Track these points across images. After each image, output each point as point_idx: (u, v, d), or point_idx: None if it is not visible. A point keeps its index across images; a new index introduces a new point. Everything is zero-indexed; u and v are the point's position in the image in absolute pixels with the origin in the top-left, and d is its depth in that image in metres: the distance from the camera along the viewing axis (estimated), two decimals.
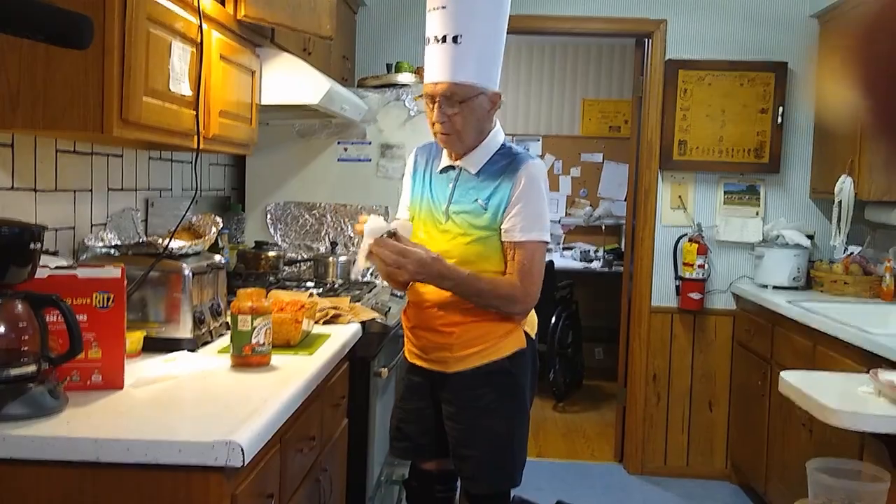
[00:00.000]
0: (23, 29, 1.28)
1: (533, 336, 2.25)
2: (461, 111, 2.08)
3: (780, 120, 4.11)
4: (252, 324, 1.92)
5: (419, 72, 3.42)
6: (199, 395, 1.70)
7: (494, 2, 2.10)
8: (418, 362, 2.29)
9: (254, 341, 1.92)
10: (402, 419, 2.37)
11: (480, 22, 2.07)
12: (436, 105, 2.10)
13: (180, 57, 1.93)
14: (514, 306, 2.14)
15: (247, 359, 1.92)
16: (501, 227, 2.11)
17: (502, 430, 2.18)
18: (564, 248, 6.58)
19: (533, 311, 2.27)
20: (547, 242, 2.14)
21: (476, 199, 2.13)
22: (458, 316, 2.16)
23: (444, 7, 2.07)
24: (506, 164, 2.14)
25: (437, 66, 2.09)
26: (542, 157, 6.79)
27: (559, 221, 6.76)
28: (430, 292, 2.17)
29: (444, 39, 2.06)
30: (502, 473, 2.22)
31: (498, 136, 2.20)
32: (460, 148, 2.16)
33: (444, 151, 2.23)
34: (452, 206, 2.17)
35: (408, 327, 2.32)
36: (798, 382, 2.26)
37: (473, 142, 2.15)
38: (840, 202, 3.61)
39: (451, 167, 2.21)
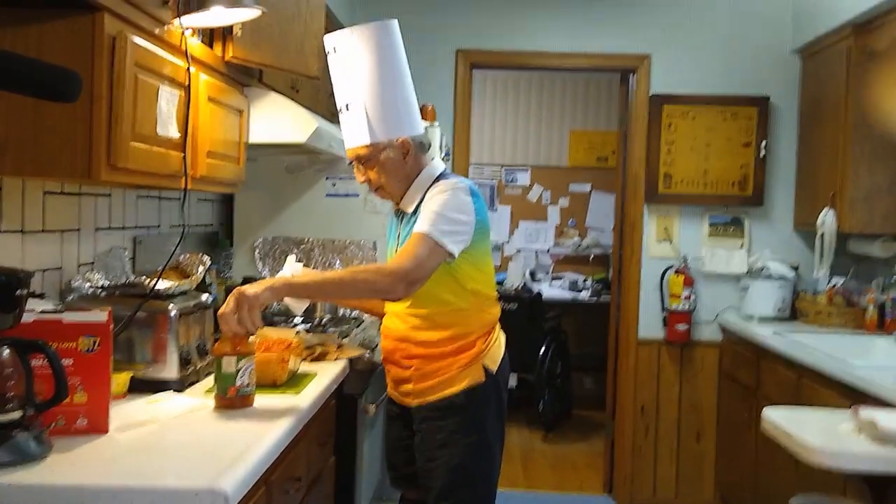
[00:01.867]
0: (12, 85, 1.30)
1: (494, 370, 2.24)
2: (374, 168, 2.21)
3: (762, 153, 4.17)
4: (236, 365, 1.92)
5: None
6: (184, 440, 1.70)
7: (373, 62, 2.16)
8: (392, 394, 2.38)
9: (238, 383, 1.93)
10: (389, 449, 2.47)
11: (362, 85, 2.16)
12: (355, 169, 2.26)
13: (168, 101, 1.96)
14: (382, 283, 2.04)
15: (231, 400, 1.93)
16: None
17: (457, 464, 2.19)
18: (553, 278, 6.60)
19: (498, 343, 2.28)
20: (435, 241, 2.06)
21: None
22: (417, 349, 2.23)
23: (335, 81, 2.24)
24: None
25: (345, 135, 2.25)
26: (530, 187, 6.85)
27: (548, 251, 6.79)
28: (393, 327, 2.28)
29: (342, 110, 2.23)
30: None
31: (430, 171, 2.26)
32: (393, 197, 2.28)
33: None
34: (399, 246, 2.24)
35: (382, 360, 2.40)
36: (781, 420, 2.28)
37: (403, 188, 2.25)
38: (822, 234, 3.66)
39: (399, 211, 2.31)
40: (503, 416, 2.30)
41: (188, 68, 2.05)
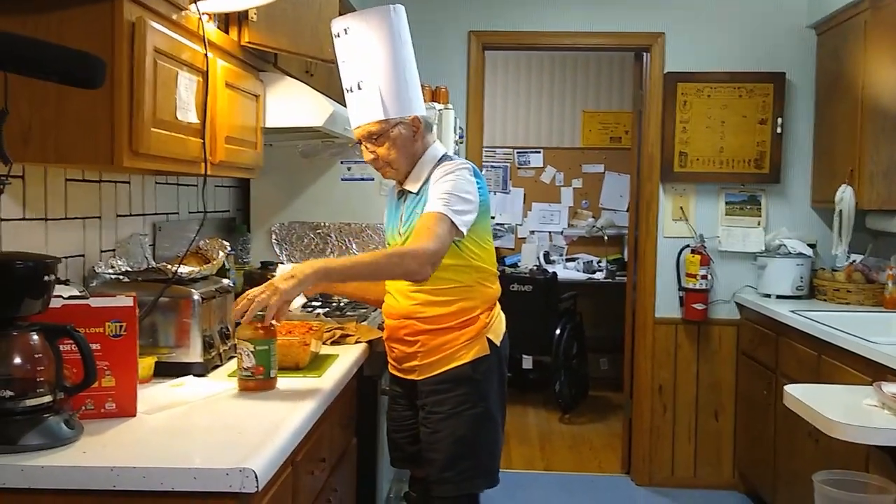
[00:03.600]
0: (39, 71, 1.31)
1: (498, 343, 2.32)
2: (384, 145, 2.25)
3: (779, 130, 4.14)
4: (256, 348, 1.93)
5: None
6: (211, 422, 1.72)
7: (385, 43, 2.22)
8: (395, 373, 2.42)
9: (259, 366, 1.94)
10: (393, 430, 2.50)
11: (376, 65, 2.22)
12: (363, 147, 2.30)
13: (187, 87, 1.97)
14: (409, 264, 2.08)
15: (252, 383, 1.94)
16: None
17: (464, 434, 2.24)
18: (567, 260, 6.60)
19: (500, 318, 2.37)
20: (450, 218, 2.13)
21: (416, 215, 2.24)
22: (423, 325, 2.28)
23: (344, 61, 2.28)
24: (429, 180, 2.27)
25: (353, 113, 2.29)
26: (543, 169, 6.83)
27: (562, 233, 6.78)
28: (397, 305, 2.33)
29: (351, 89, 2.27)
30: (464, 477, 2.27)
31: (434, 152, 2.33)
32: (399, 175, 2.33)
33: None
34: (404, 227, 2.30)
35: (384, 339, 2.44)
36: (803, 396, 2.28)
37: (409, 166, 2.30)
38: (841, 211, 3.63)
39: (402, 191, 2.35)
40: (505, 390, 2.38)
41: (206, 54, 2.06)
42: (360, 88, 2.25)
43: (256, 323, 1.95)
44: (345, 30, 2.26)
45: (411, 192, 2.31)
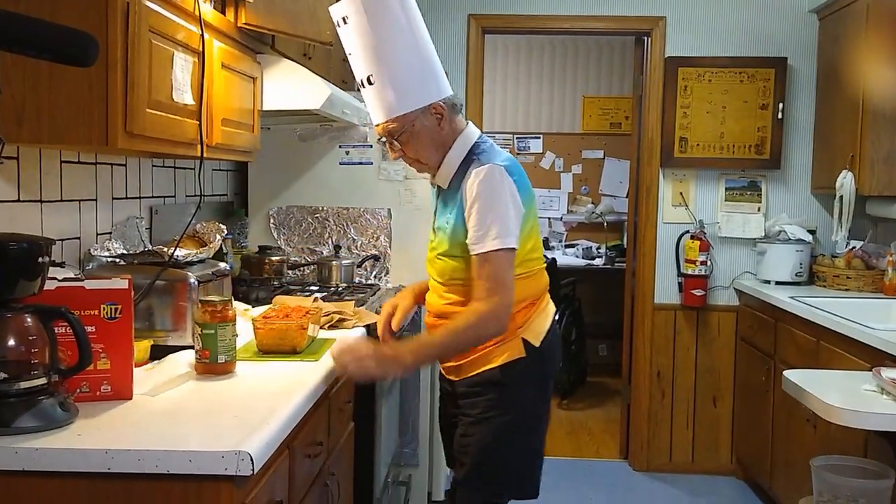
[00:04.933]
0: (29, 48, 1.29)
1: (537, 344, 2.11)
2: (407, 142, 2.07)
3: (780, 115, 4.12)
4: (203, 332, 1.90)
5: None
6: (208, 405, 1.71)
7: (389, 30, 2.01)
8: (441, 371, 2.29)
9: (206, 350, 1.91)
10: (441, 428, 2.40)
11: (382, 56, 2.01)
12: (387, 145, 2.12)
13: (182, 67, 1.95)
14: (493, 327, 2.01)
15: (200, 367, 1.92)
16: (467, 241, 2.04)
17: (490, 442, 2.09)
18: (567, 246, 6.59)
19: (542, 315, 2.16)
20: (501, 249, 1.98)
21: (446, 215, 2.10)
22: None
23: (350, 54, 2.07)
24: (461, 178, 2.06)
25: (370, 110, 2.12)
26: (542, 154, 6.81)
27: (561, 219, 6.76)
28: (434, 303, 2.19)
29: (363, 84, 2.07)
30: (490, 486, 2.14)
31: (464, 140, 2.10)
32: (431, 169, 2.14)
33: None
34: (436, 223, 2.16)
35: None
36: (802, 381, 2.27)
37: (439, 158, 2.10)
38: (841, 197, 3.62)
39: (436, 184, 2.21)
40: (546, 395, 2.19)
41: (202, 35, 2.04)
42: (370, 83, 2.05)
43: (207, 306, 1.92)
44: (343, 19, 2.06)
45: (443, 188, 2.14)
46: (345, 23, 2.06)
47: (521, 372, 2.10)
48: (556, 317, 2.23)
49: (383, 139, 2.11)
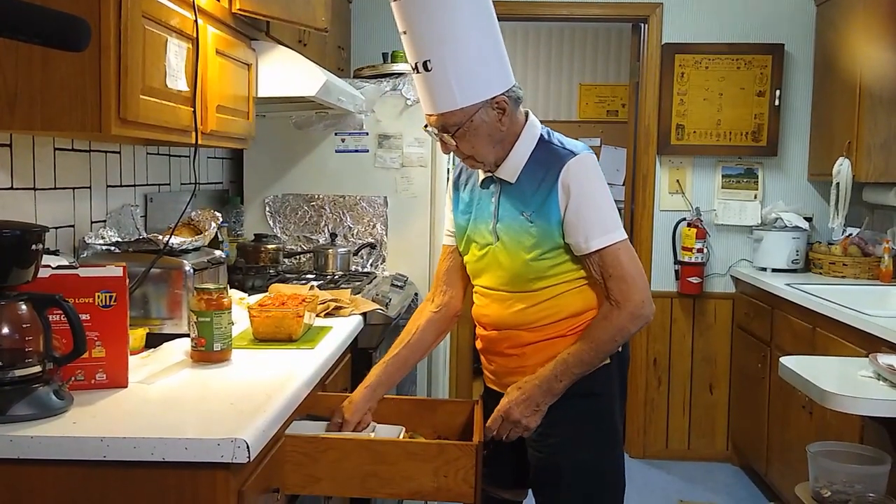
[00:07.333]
0: (19, 32, 1.28)
1: (620, 348, 1.91)
2: (463, 136, 1.82)
3: (777, 102, 4.11)
4: (199, 319, 1.89)
5: None
6: (203, 393, 1.70)
7: (460, 10, 1.76)
8: (494, 387, 2.02)
9: (201, 337, 1.90)
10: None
11: (443, 39, 1.76)
12: (439, 138, 1.87)
13: (176, 54, 1.93)
14: (631, 325, 1.82)
15: (196, 354, 1.91)
16: (567, 242, 1.84)
17: (589, 464, 1.90)
18: None
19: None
20: (619, 243, 1.82)
21: (522, 213, 1.86)
22: (526, 335, 1.91)
23: (405, 32, 1.81)
24: (545, 171, 1.84)
25: (422, 98, 1.85)
26: None
27: None
28: (491, 314, 1.96)
29: (417, 68, 1.81)
30: None
31: (531, 132, 1.89)
32: (486, 165, 1.89)
33: None
34: (500, 224, 1.89)
35: (480, 349, 2.06)
36: (798, 367, 2.27)
37: (499, 154, 1.87)
38: (838, 184, 3.62)
39: (491, 179, 1.92)
40: (625, 404, 2.04)
41: (195, 20, 2.02)
42: (426, 69, 1.77)
43: (202, 294, 1.91)
44: None
45: (507, 182, 1.89)
46: None
47: (609, 379, 1.92)
48: None
49: (435, 131, 1.85)
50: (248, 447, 1.38)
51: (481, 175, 1.95)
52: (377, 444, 1.75)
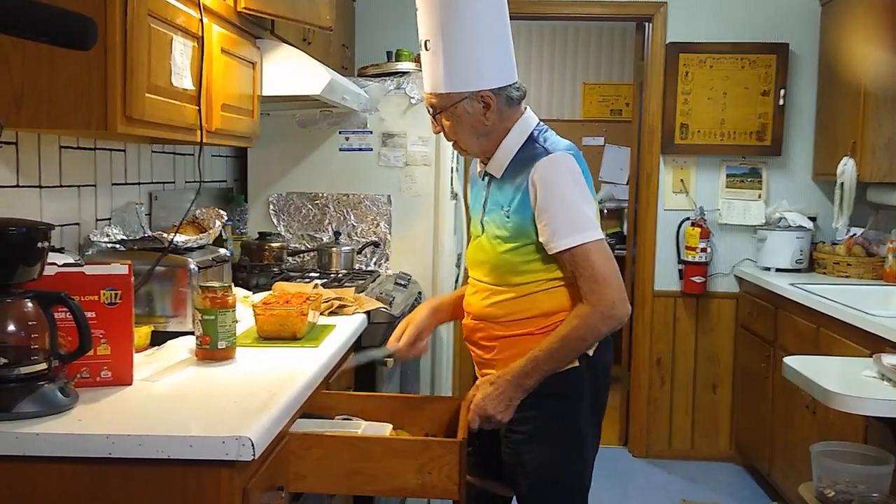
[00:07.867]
0: (27, 31, 1.28)
1: (590, 353, 1.91)
2: (449, 120, 1.91)
3: (781, 102, 4.10)
4: (203, 317, 1.89)
5: (419, 60, 3.41)
6: (208, 390, 1.71)
7: (466, 6, 1.83)
8: (479, 377, 2.05)
9: (206, 335, 1.90)
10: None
11: (445, 25, 1.83)
12: (431, 117, 1.97)
13: (182, 52, 1.94)
14: (601, 325, 1.84)
15: (201, 352, 1.91)
16: (540, 240, 1.87)
17: (549, 461, 1.92)
18: None
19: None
20: (590, 244, 1.83)
21: (503, 207, 1.91)
22: (499, 329, 1.94)
23: (419, 10, 1.90)
24: (522, 168, 1.89)
25: (424, 75, 1.94)
26: None
27: None
28: (473, 302, 2.01)
29: (423, 45, 1.90)
30: None
31: (522, 129, 1.93)
32: (472, 154, 2.00)
33: None
34: (486, 217, 1.97)
35: (464, 337, 2.12)
36: (801, 367, 2.27)
37: (485, 146, 1.93)
38: (842, 184, 3.61)
39: (486, 173, 1.99)
40: (600, 413, 2.00)
41: (201, 19, 2.03)
42: (427, 49, 1.88)
43: (207, 292, 1.91)
44: None
45: (495, 177, 1.95)
46: None
47: (577, 381, 1.92)
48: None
49: (429, 109, 1.96)
50: (252, 445, 1.39)
51: (479, 168, 2.04)
52: (361, 441, 1.76)
